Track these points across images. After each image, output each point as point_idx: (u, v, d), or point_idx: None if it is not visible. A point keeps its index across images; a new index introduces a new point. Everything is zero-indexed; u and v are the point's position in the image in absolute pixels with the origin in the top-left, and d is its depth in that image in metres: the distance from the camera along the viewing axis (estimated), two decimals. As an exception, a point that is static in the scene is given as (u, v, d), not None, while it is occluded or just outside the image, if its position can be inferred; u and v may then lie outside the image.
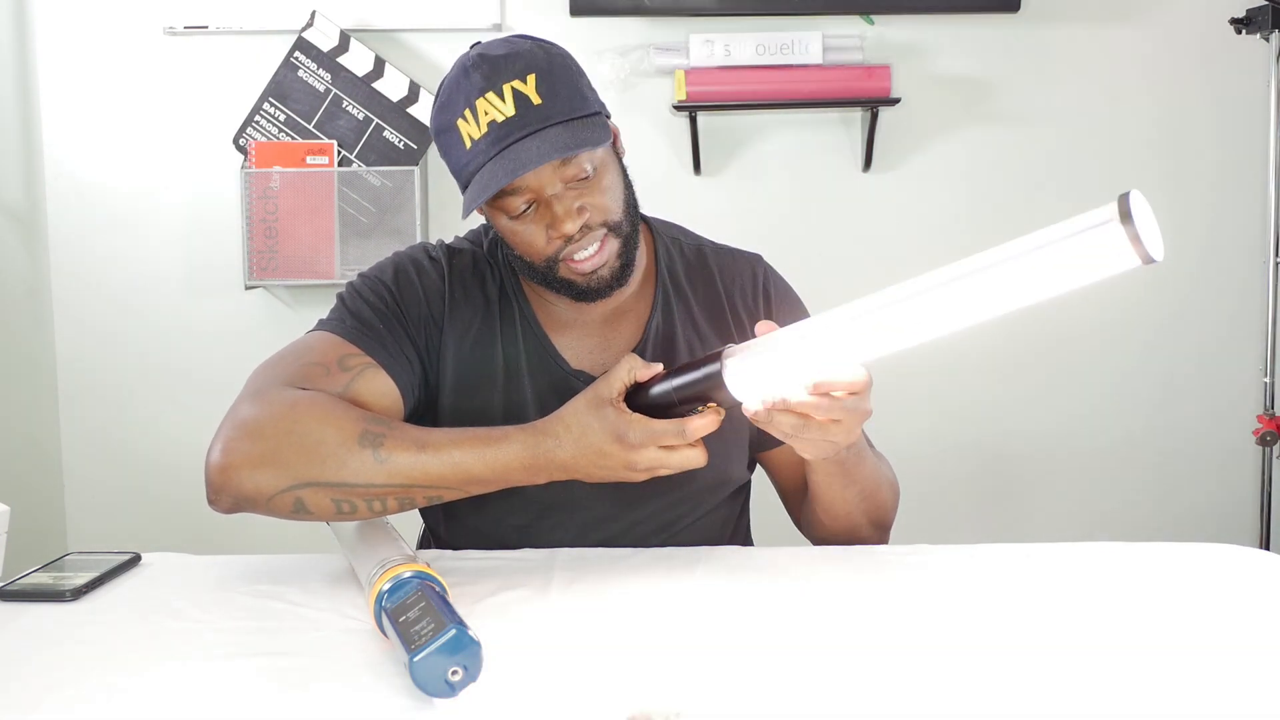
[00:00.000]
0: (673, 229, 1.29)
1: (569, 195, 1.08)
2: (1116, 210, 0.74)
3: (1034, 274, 0.79)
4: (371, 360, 1.10)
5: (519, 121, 1.05)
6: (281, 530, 1.49)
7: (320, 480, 0.97)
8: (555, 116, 1.05)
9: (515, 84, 1.05)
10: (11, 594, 0.99)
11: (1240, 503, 2.65)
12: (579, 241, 1.09)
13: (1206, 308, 2.65)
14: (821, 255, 2.60)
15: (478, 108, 1.05)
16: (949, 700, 0.75)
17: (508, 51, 1.07)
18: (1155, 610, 0.92)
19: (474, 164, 1.07)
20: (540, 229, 1.09)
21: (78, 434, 2.67)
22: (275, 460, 0.97)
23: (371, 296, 1.16)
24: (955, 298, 0.82)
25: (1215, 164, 2.61)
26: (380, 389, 1.10)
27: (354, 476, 0.98)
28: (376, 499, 0.99)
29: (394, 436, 0.99)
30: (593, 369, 1.19)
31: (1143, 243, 0.73)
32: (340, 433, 0.99)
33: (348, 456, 0.98)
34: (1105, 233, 0.74)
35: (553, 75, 1.07)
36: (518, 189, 1.07)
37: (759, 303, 1.25)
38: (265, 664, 0.83)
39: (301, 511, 0.99)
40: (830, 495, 1.14)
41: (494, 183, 1.04)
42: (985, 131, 2.61)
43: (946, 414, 2.66)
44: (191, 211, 2.61)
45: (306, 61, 2.52)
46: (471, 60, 1.07)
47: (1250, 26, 2.44)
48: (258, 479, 0.97)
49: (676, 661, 0.83)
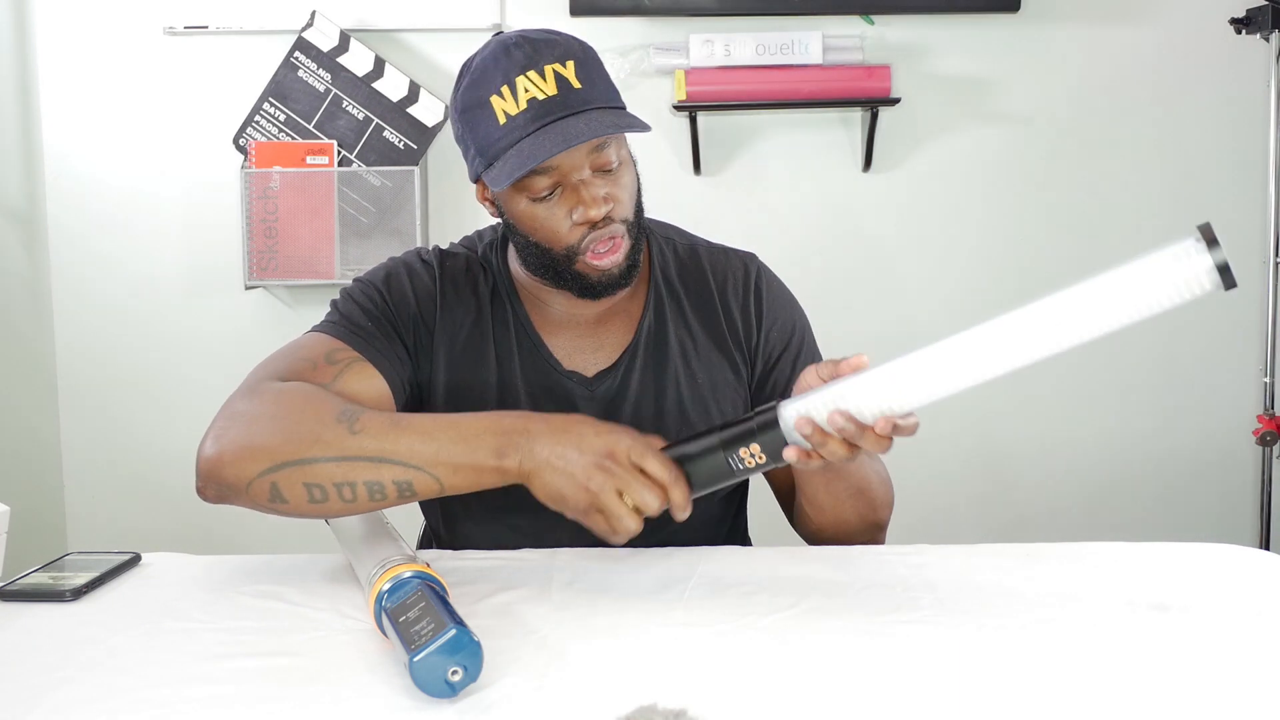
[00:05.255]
0: (667, 229, 1.30)
1: (596, 182, 1.09)
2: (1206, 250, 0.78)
3: (1116, 309, 0.81)
4: (358, 355, 1.12)
5: (561, 101, 1.06)
6: (282, 530, 1.49)
7: (294, 459, 0.97)
8: (595, 101, 1.08)
9: (556, 66, 1.07)
10: (11, 594, 0.99)
11: (1240, 503, 2.65)
12: (600, 231, 1.10)
13: (1206, 308, 2.63)
14: (821, 255, 2.60)
15: (517, 85, 1.06)
16: (949, 699, 0.75)
17: (547, 37, 1.10)
18: (1155, 610, 0.92)
19: (508, 139, 1.07)
20: (564, 214, 1.10)
21: (78, 434, 2.67)
22: (255, 447, 0.98)
23: (362, 298, 1.18)
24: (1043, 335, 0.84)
25: (1215, 164, 2.61)
26: (368, 383, 1.11)
27: (326, 450, 0.96)
28: (346, 483, 0.97)
29: (371, 414, 1.00)
30: (584, 369, 1.20)
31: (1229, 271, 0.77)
32: (318, 412, 1.00)
33: (322, 430, 0.98)
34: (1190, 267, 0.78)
35: (589, 64, 1.10)
36: (547, 169, 1.08)
37: (750, 301, 1.25)
38: (265, 664, 0.83)
39: (277, 500, 0.98)
40: (815, 490, 1.13)
41: (540, 152, 1.04)
42: (985, 131, 2.61)
43: (946, 414, 2.64)
44: (191, 211, 2.61)
45: (306, 61, 2.53)
46: (513, 39, 1.09)
47: (1250, 26, 2.44)
48: (238, 466, 0.98)
49: (677, 661, 0.83)
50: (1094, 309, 0.81)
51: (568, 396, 1.19)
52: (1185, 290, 0.79)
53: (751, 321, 1.24)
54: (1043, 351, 0.85)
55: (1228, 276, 0.77)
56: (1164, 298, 0.79)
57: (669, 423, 1.19)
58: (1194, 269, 0.78)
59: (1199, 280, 0.78)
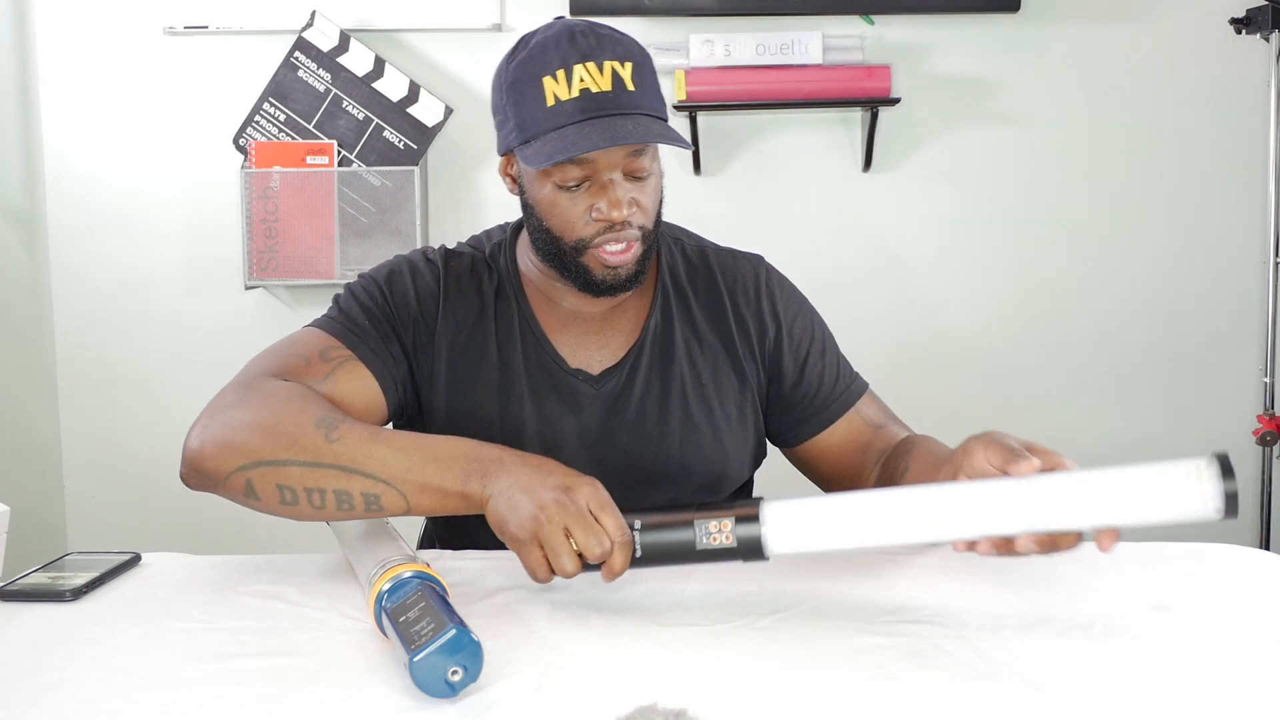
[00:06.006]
0: (675, 230, 1.30)
1: (625, 185, 1.10)
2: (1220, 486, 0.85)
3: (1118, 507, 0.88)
4: (351, 354, 1.13)
5: (613, 99, 1.07)
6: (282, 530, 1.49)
7: (269, 459, 0.98)
8: (644, 108, 1.09)
9: (615, 65, 1.08)
10: (11, 594, 0.99)
11: (1240, 503, 2.64)
12: (616, 232, 1.11)
13: (1206, 308, 2.65)
14: (821, 255, 2.60)
15: (574, 71, 1.07)
16: (949, 699, 0.75)
17: (612, 34, 1.11)
18: (1155, 610, 0.92)
19: (552, 122, 1.08)
20: (584, 208, 1.11)
21: (78, 434, 2.67)
22: (235, 443, 0.99)
23: (363, 296, 1.19)
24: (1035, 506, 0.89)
25: (1215, 164, 2.61)
26: (359, 382, 1.13)
27: (301, 455, 0.97)
28: (316, 489, 0.97)
29: (350, 424, 1.00)
30: (589, 367, 1.20)
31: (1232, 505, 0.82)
32: (300, 415, 1.00)
33: (300, 434, 0.98)
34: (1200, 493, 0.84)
35: (645, 71, 1.11)
36: (582, 161, 1.08)
37: (762, 302, 1.25)
38: (265, 664, 0.83)
39: (251, 496, 0.99)
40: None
41: (584, 143, 1.05)
42: (985, 131, 2.61)
43: (946, 414, 2.65)
44: (191, 211, 2.62)
45: (306, 61, 2.53)
46: (580, 27, 1.10)
47: (1250, 26, 2.44)
48: (217, 459, 0.99)
49: (677, 661, 0.83)
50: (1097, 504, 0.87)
51: (572, 394, 1.19)
52: (1188, 508, 0.84)
53: (765, 322, 1.24)
54: (1018, 525, 0.88)
55: (1233, 506, 0.82)
56: (1167, 510, 0.85)
57: (673, 423, 1.19)
58: (1205, 494, 0.84)
59: (1204, 504, 0.84)
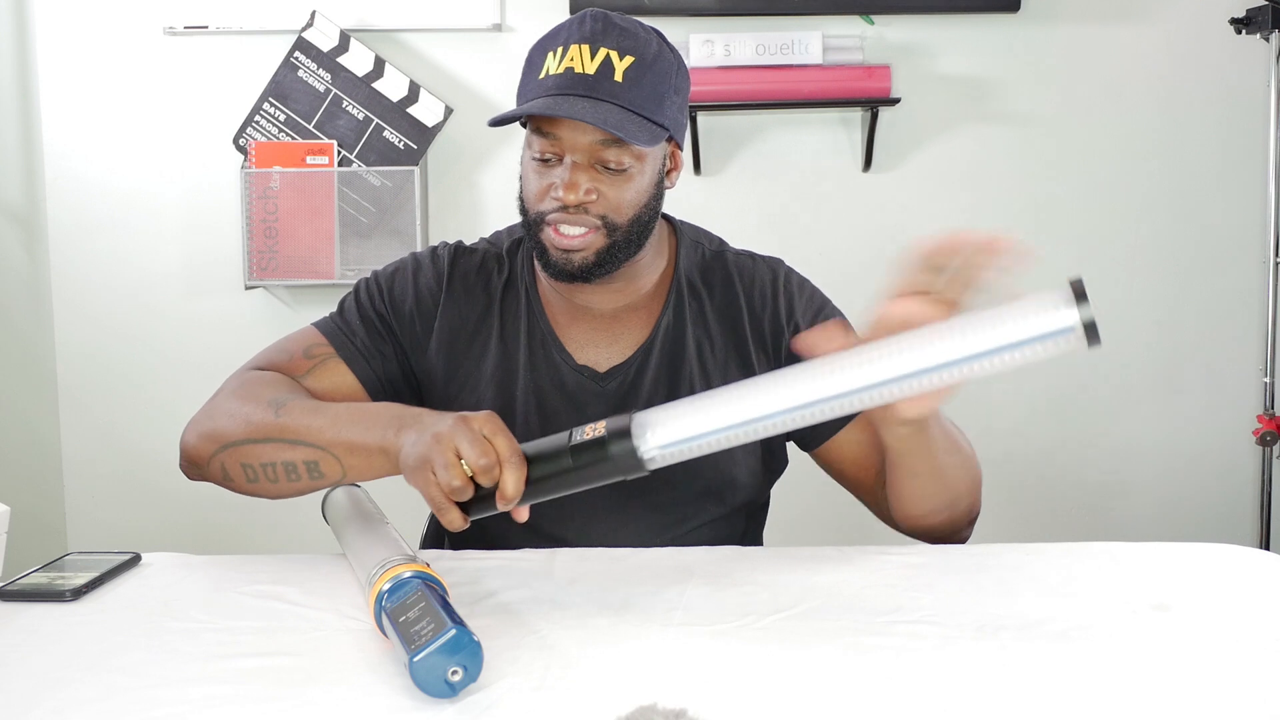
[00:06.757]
0: (697, 232, 1.30)
1: (589, 174, 1.11)
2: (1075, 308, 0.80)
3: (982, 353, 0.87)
4: (333, 352, 1.19)
5: (591, 83, 1.08)
6: (281, 530, 1.49)
7: (231, 441, 1.06)
8: (622, 100, 1.08)
9: (612, 53, 1.09)
10: (11, 594, 0.99)
11: (1240, 503, 2.65)
12: (569, 214, 1.11)
13: (1206, 308, 2.64)
14: (821, 255, 2.59)
15: (570, 51, 1.09)
16: (950, 699, 0.75)
17: (627, 27, 1.11)
18: (1155, 610, 0.92)
19: (534, 92, 1.11)
20: (544, 182, 1.12)
21: (78, 434, 2.67)
22: (209, 430, 1.09)
23: (364, 295, 1.23)
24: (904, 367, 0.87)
25: (1215, 164, 2.61)
26: (338, 379, 1.18)
27: (255, 433, 1.05)
28: (269, 464, 1.04)
29: (299, 400, 1.08)
30: (597, 364, 1.20)
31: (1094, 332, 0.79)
32: (258, 398, 1.08)
33: (253, 414, 1.06)
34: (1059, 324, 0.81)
35: (645, 71, 1.10)
36: (551, 135, 1.10)
37: (780, 303, 1.23)
38: (265, 664, 0.83)
39: (226, 479, 1.09)
40: (929, 464, 1.08)
41: (533, 108, 1.08)
42: (985, 131, 2.61)
43: (946, 414, 2.65)
44: (191, 211, 2.61)
45: (306, 61, 2.53)
46: (593, 13, 1.12)
47: (1250, 26, 2.44)
48: (199, 448, 1.09)
49: (677, 661, 0.83)
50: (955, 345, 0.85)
51: (576, 390, 1.19)
52: (1049, 343, 0.82)
53: (781, 325, 1.22)
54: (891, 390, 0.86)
55: (1093, 334, 0.79)
56: (1027, 350, 0.83)
57: None
58: (1061, 321, 0.81)
59: (1065, 334, 0.81)
